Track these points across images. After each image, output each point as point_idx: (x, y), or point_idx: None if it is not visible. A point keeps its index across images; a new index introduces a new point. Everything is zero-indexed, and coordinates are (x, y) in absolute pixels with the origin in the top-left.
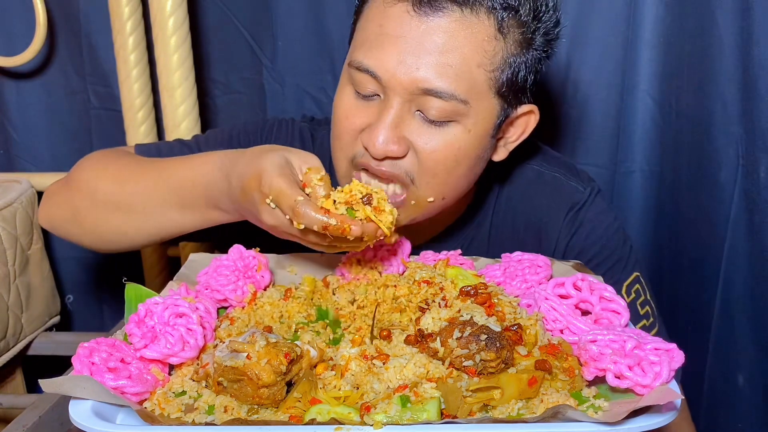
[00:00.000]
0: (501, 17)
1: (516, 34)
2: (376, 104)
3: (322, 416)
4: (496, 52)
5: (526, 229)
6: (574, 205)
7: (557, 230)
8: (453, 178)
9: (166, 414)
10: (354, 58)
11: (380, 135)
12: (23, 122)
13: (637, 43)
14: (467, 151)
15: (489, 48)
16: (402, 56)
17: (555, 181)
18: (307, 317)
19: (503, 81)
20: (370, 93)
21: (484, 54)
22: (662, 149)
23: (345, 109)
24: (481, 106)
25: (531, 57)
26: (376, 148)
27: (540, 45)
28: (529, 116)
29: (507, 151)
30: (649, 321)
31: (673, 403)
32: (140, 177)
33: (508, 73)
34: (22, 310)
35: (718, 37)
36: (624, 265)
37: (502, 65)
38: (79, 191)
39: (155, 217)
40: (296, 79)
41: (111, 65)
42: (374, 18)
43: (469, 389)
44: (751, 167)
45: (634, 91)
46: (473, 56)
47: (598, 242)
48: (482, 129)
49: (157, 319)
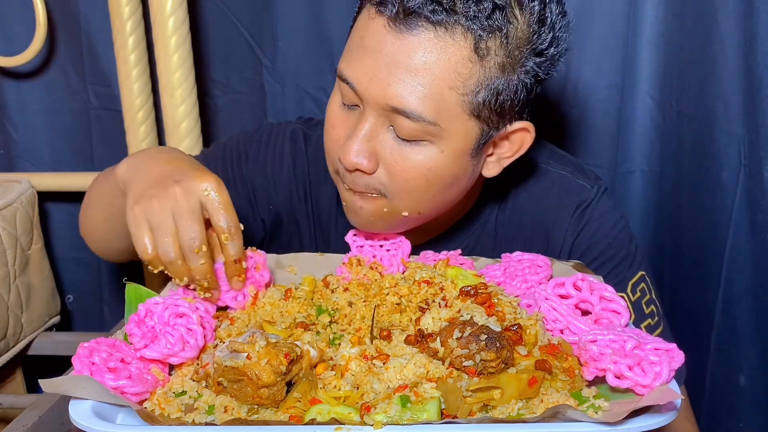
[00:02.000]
0: (479, 38)
1: (498, 56)
2: (356, 115)
3: (322, 416)
4: (471, 74)
5: (534, 226)
6: (581, 203)
7: (564, 228)
8: (427, 197)
9: (166, 414)
10: (339, 66)
11: (353, 147)
12: (23, 122)
13: (637, 43)
14: (439, 171)
15: (463, 70)
16: (375, 71)
17: (562, 179)
18: (308, 317)
19: (479, 103)
20: (351, 103)
21: (457, 76)
22: (662, 149)
23: (331, 118)
24: (455, 127)
25: (516, 79)
26: (347, 159)
27: (531, 67)
28: (524, 134)
29: (501, 167)
30: (654, 320)
31: (673, 403)
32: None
33: (485, 95)
34: (22, 310)
35: (720, 36)
36: (630, 263)
37: (477, 88)
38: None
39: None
40: (296, 79)
41: (111, 65)
42: (358, 29)
43: (469, 389)
44: (754, 167)
45: (634, 91)
46: (445, 78)
47: (604, 240)
48: (457, 150)
49: (157, 319)
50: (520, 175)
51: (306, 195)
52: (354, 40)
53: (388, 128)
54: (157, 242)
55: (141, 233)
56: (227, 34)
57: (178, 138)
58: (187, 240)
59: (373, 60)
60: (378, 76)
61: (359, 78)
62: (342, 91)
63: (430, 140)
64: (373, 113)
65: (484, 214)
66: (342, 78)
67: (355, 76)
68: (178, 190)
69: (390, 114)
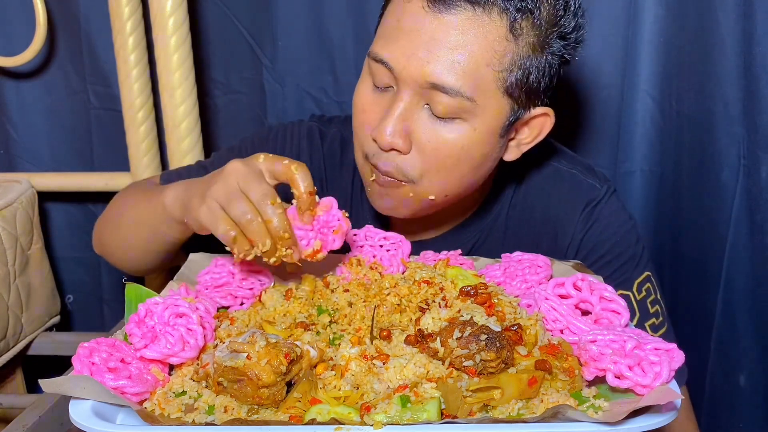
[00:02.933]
0: (513, 18)
1: (529, 36)
2: (390, 96)
3: (322, 416)
4: (507, 52)
5: (543, 223)
6: (590, 202)
7: (573, 225)
8: (456, 176)
9: (166, 414)
10: (372, 49)
11: (389, 126)
12: (23, 122)
13: (637, 43)
14: (470, 149)
15: (499, 48)
16: (414, 49)
17: (572, 178)
18: (308, 317)
19: (512, 81)
20: (384, 85)
21: (493, 54)
22: (662, 149)
23: (362, 102)
24: (489, 104)
25: (545, 60)
26: (382, 139)
27: (557, 49)
28: (544, 119)
29: (520, 152)
30: (659, 320)
31: (673, 403)
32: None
33: (518, 74)
34: (22, 310)
35: (720, 36)
36: (636, 263)
37: (511, 66)
38: (103, 216)
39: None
40: (296, 79)
41: (111, 65)
42: (394, 13)
43: (469, 389)
44: (752, 167)
45: (634, 91)
46: (483, 55)
47: (611, 239)
48: (489, 128)
49: (157, 319)
50: (532, 172)
51: (321, 192)
52: (389, 23)
53: (423, 107)
54: (232, 212)
55: (217, 221)
56: (227, 34)
57: (178, 138)
58: (260, 196)
59: (410, 39)
60: (417, 54)
61: (397, 57)
62: (375, 73)
63: (464, 117)
64: (409, 92)
65: (495, 209)
66: (378, 59)
67: (393, 56)
68: (233, 167)
69: (427, 91)
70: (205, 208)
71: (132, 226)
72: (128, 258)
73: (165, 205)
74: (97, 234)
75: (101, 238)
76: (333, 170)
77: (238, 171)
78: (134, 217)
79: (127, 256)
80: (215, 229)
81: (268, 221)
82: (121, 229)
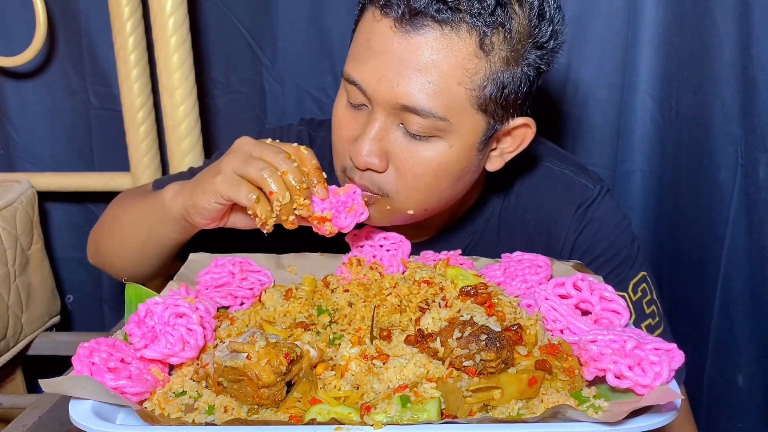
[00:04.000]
0: (483, 34)
1: (502, 51)
2: (365, 114)
3: (322, 416)
4: (478, 70)
5: (536, 224)
6: (583, 202)
7: (566, 226)
8: (435, 193)
9: (166, 414)
10: (345, 69)
11: (365, 147)
12: (23, 122)
13: (637, 43)
14: (448, 166)
15: (470, 66)
16: (383, 71)
17: (565, 179)
18: (308, 317)
19: (486, 97)
20: (359, 103)
21: (464, 72)
22: (662, 149)
23: (339, 119)
24: (463, 122)
25: (520, 71)
26: (359, 160)
27: (533, 60)
28: (525, 129)
29: (503, 161)
30: (655, 320)
31: (673, 403)
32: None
33: (491, 89)
34: (22, 310)
35: (718, 37)
36: (631, 263)
37: (484, 82)
38: (98, 224)
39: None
40: (296, 79)
41: (111, 65)
42: (364, 32)
43: (469, 389)
44: (750, 167)
45: (634, 91)
46: (453, 74)
47: (605, 239)
48: (465, 144)
49: (157, 319)
50: (524, 173)
51: None
52: (359, 42)
53: (397, 126)
54: (250, 172)
55: (238, 186)
56: (227, 34)
57: (178, 138)
58: (273, 154)
59: (380, 61)
60: (387, 76)
61: (367, 79)
62: (349, 92)
63: (440, 135)
64: (383, 113)
65: (488, 210)
66: (350, 80)
67: (363, 77)
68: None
69: (399, 112)
70: (221, 179)
71: (129, 229)
72: (125, 264)
73: (165, 203)
74: (92, 244)
75: (98, 246)
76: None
77: (247, 142)
78: (131, 220)
79: (123, 262)
80: (236, 194)
81: (284, 173)
82: (117, 233)
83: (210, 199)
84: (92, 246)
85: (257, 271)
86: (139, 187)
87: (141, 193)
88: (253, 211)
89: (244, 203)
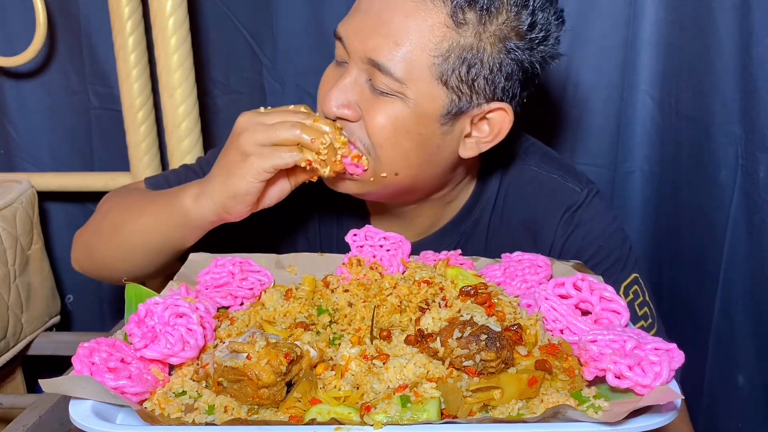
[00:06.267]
0: (455, 5)
1: (475, 28)
2: (343, 70)
3: (322, 416)
4: (444, 39)
5: (522, 228)
6: (570, 207)
7: (552, 231)
8: (399, 152)
9: (166, 414)
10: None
11: (333, 97)
12: (23, 122)
13: (637, 43)
14: (405, 125)
15: (438, 33)
16: (361, 26)
17: (551, 183)
18: (308, 317)
19: (447, 69)
20: (342, 60)
21: (431, 38)
22: (662, 149)
23: (324, 77)
24: (420, 88)
25: (495, 55)
26: (329, 109)
27: (513, 48)
28: (502, 116)
29: (479, 150)
30: (648, 322)
31: (673, 403)
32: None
33: (455, 63)
34: (22, 310)
35: (718, 37)
36: (623, 266)
37: (447, 53)
38: (90, 229)
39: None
40: (296, 79)
41: (111, 65)
42: None
43: (469, 389)
44: (750, 167)
45: (634, 91)
46: (420, 39)
47: (595, 242)
48: (423, 111)
49: (157, 319)
50: (512, 177)
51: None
52: (353, 6)
53: (366, 80)
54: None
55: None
56: (227, 34)
57: (178, 138)
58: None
59: (361, 18)
60: (363, 30)
61: (347, 33)
62: (337, 50)
63: (400, 96)
64: (356, 66)
65: (476, 212)
66: (336, 36)
67: (345, 31)
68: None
69: (369, 68)
70: (255, 157)
71: (138, 237)
72: (129, 268)
73: (186, 209)
74: (82, 250)
75: (92, 253)
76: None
77: (251, 116)
78: (140, 228)
79: (128, 266)
80: (280, 159)
81: (316, 119)
82: (124, 241)
83: (252, 182)
84: (82, 252)
85: (257, 271)
86: (130, 187)
87: (138, 195)
88: (308, 166)
89: (292, 162)
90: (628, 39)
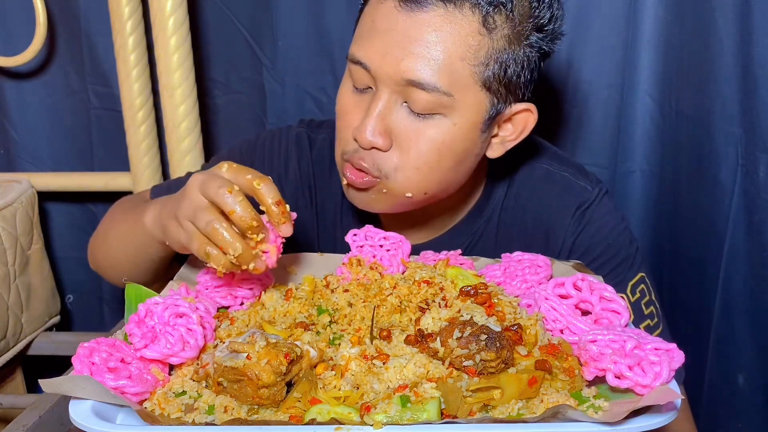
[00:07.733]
0: (486, 12)
1: (504, 29)
2: (369, 96)
3: (322, 416)
4: (481, 46)
5: (535, 226)
6: (581, 204)
7: (564, 228)
8: (436, 174)
9: (166, 414)
10: (350, 51)
11: (369, 125)
12: (23, 122)
13: (637, 43)
14: (452, 144)
15: (473, 42)
16: (388, 48)
17: (564, 180)
18: (308, 317)
19: (489, 75)
20: (364, 86)
21: (468, 48)
22: (662, 149)
23: (344, 104)
24: (467, 99)
25: (522, 53)
26: (362, 138)
27: (535, 41)
28: (527, 115)
29: (504, 149)
30: (654, 321)
31: (673, 403)
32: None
33: (494, 67)
34: (22, 310)
35: (718, 37)
36: (630, 264)
37: (487, 60)
38: (95, 233)
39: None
40: (296, 79)
41: (111, 65)
42: (369, 14)
43: (469, 389)
44: (750, 167)
45: (634, 91)
46: (457, 50)
47: (604, 241)
48: (469, 122)
49: (157, 319)
50: (524, 175)
51: (311, 198)
52: (364, 24)
53: (401, 105)
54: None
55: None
56: (227, 34)
57: (178, 138)
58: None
59: (385, 39)
60: (391, 53)
61: (372, 57)
62: (353, 75)
63: (443, 113)
64: (387, 90)
65: (487, 212)
66: (354, 60)
67: (368, 55)
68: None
69: (404, 89)
70: (179, 230)
71: (118, 243)
72: (119, 274)
73: (146, 226)
74: (91, 250)
75: (94, 255)
76: (322, 176)
77: (198, 181)
78: (119, 236)
79: (118, 273)
80: (191, 249)
81: (231, 212)
82: (109, 246)
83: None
84: (90, 253)
85: None
86: (138, 194)
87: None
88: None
89: (199, 257)
90: (628, 39)
